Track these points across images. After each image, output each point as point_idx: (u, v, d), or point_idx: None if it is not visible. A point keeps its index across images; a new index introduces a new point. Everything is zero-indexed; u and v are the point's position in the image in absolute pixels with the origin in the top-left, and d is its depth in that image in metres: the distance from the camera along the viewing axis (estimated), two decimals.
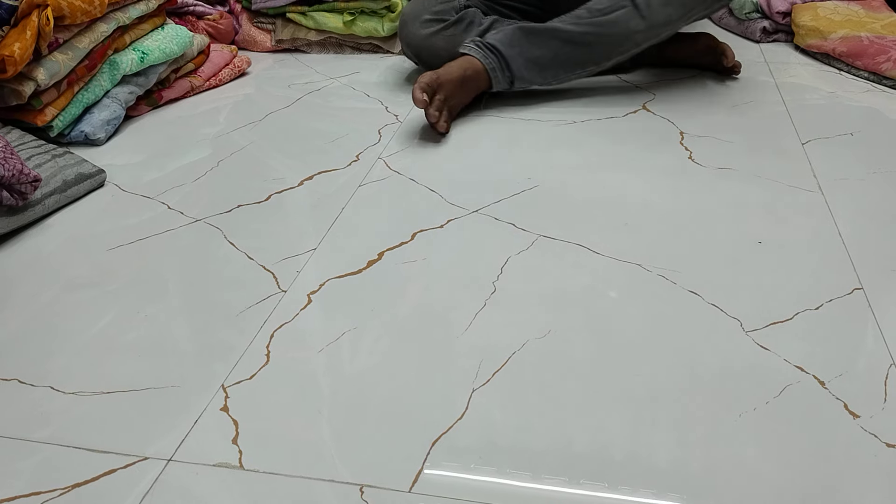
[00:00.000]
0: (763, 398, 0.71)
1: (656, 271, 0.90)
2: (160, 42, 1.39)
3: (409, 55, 1.46)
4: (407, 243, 0.97)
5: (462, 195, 1.08)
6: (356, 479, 0.64)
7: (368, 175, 1.15)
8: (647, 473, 0.64)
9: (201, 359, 0.79)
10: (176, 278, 0.92)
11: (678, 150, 1.19)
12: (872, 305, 0.83)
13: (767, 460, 0.65)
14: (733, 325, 0.81)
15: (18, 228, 1.02)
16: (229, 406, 0.72)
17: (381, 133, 1.29)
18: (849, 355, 0.76)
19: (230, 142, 1.28)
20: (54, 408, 0.73)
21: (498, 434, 0.68)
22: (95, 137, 1.27)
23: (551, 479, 0.64)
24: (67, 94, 1.26)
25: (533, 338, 0.80)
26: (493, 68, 1.30)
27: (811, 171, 1.12)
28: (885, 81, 1.43)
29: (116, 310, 0.87)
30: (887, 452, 0.65)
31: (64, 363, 0.79)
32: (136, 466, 0.66)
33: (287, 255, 0.95)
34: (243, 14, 1.76)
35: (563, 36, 1.31)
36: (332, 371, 0.77)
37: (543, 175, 1.12)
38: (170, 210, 1.07)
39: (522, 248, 0.95)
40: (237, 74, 1.59)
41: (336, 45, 1.73)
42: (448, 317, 0.83)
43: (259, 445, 0.68)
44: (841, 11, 1.61)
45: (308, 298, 0.87)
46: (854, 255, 0.92)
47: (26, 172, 0.98)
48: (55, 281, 0.92)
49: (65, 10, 1.19)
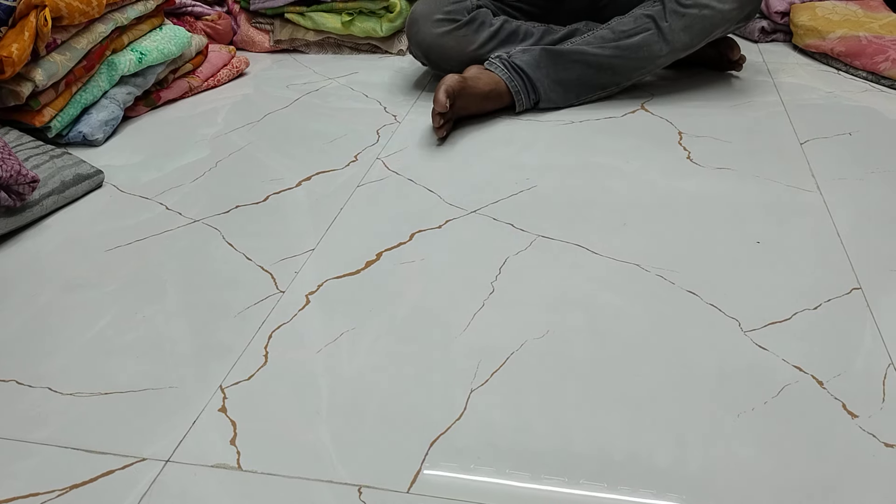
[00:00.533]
0: (761, 398, 0.71)
1: (655, 271, 0.90)
2: (158, 43, 1.39)
3: (416, 55, 1.44)
4: (405, 244, 0.97)
5: (460, 195, 1.07)
6: (354, 479, 0.64)
7: (367, 175, 1.15)
8: (645, 473, 0.64)
9: (199, 359, 0.79)
10: (174, 279, 0.92)
11: (677, 150, 1.19)
12: (871, 305, 0.83)
13: (766, 460, 0.65)
14: (732, 325, 0.81)
15: (16, 229, 1.02)
16: (227, 407, 0.72)
17: (379, 133, 1.29)
18: (847, 355, 0.76)
19: (228, 142, 1.28)
20: (52, 409, 0.73)
21: (496, 434, 0.68)
22: (93, 138, 1.27)
23: (550, 480, 0.64)
24: (65, 95, 1.26)
25: (531, 338, 0.80)
26: (518, 91, 1.32)
27: (809, 170, 1.12)
28: (884, 81, 1.43)
29: (114, 311, 0.87)
30: (886, 452, 0.65)
31: (62, 364, 0.79)
32: (133, 467, 0.66)
33: (285, 256, 0.95)
34: (241, 14, 1.76)
35: (589, 59, 1.33)
36: (331, 372, 0.76)
37: (542, 175, 1.12)
38: (168, 211, 1.07)
39: (521, 248, 0.95)
40: (235, 75, 1.59)
41: (334, 46, 1.73)
42: (446, 317, 0.83)
43: (257, 446, 0.68)
44: (839, 11, 1.61)
45: (306, 299, 0.87)
46: (852, 254, 0.92)
47: (24, 173, 0.98)
48: (53, 282, 0.92)
49: (63, 11, 1.19)
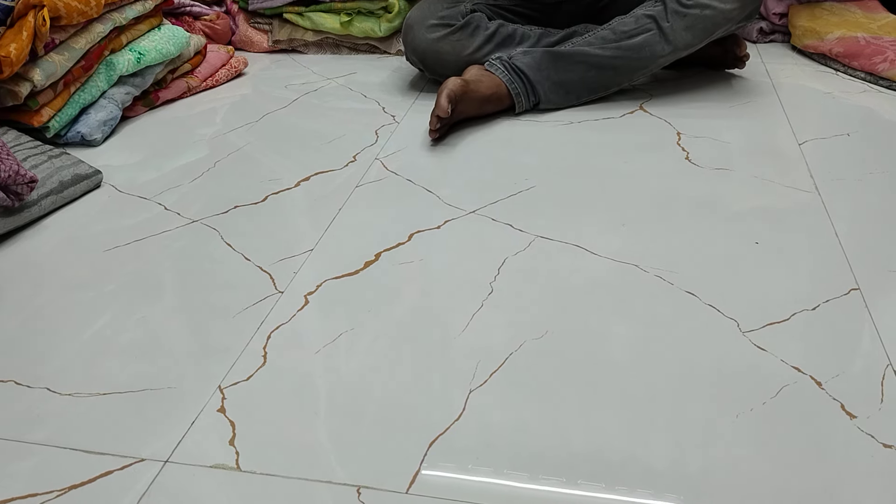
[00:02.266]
0: (760, 399, 0.71)
1: (653, 272, 0.90)
2: (157, 43, 1.39)
3: (413, 61, 1.44)
4: (404, 244, 0.97)
5: (459, 196, 1.07)
6: (353, 480, 0.64)
7: (365, 176, 1.15)
8: (644, 474, 0.64)
9: (198, 360, 0.79)
10: (172, 279, 0.92)
11: (675, 151, 1.19)
12: (869, 306, 0.83)
13: (764, 461, 0.65)
14: (730, 325, 0.81)
15: (15, 230, 1.02)
16: (226, 407, 0.72)
17: (377, 133, 1.29)
18: (845, 356, 0.76)
19: (227, 142, 1.28)
20: (50, 409, 0.73)
21: (495, 435, 0.68)
22: (92, 138, 1.27)
23: (549, 480, 0.64)
24: (64, 95, 1.25)
25: (530, 339, 0.80)
26: (518, 93, 1.32)
27: (808, 171, 1.12)
28: (882, 82, 1.43)
29: (113, 311, 0.86)
30: (884, 453, 0.65)
31: (60, 364, 0.79)
32: (132, 468, 0.66)
33: (284, 256, 0.95)
34: (240, 14, 1.76)
35: (591, 60, 1.33)
36: (329, 372, 0.76)
37: (540, 176, 1.12)
38: (166, 211, 1.07)
39: (520, 248, 0.95)
40: (234, 75, 1.58)
41: (333, 46, 1.73)
42: (445, 318, 0.83)
43: (256, 447, 0.68)
44: (837, 12, 1.61)
45: (305, 299, 0.87)
46: (851, 255, 0.92)
47: (22, 174, 0.98)
48: (51, 282, 0.92)
49: (61, 11, 1.18)
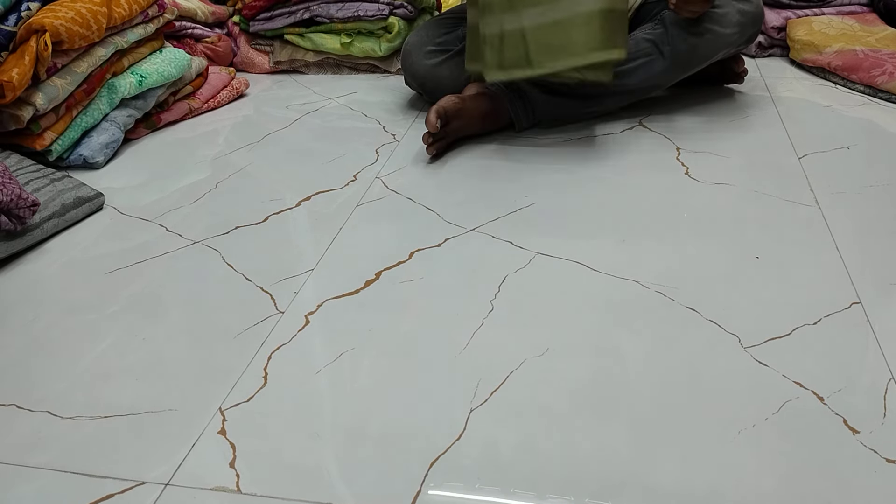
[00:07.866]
0: (762, 414, 0.71)
1: (654, 288, 0.90)
2: (158, 65, 1.40)
3: (413, 86, 1.46)
4: (404, 262, 0.97)
5: (459, 213, 1.08)
6: (355, 501, 0.64)
7: (366, 195, 1.15)
8: (647, 491, 0.64)
9: (199, 381, 0.79)
10: (174, 301, 0.93)
11: (675, 166, 1.19)
12: (871, 320, 0.83)
13: (767, 476, 0.65)
14: (732, 341, 0.81)
15: (17, 253, 1.02)
16: (227, 429, 0.72)
17: (378, 153, 1.30)
18: (848, 370, 0.76)
19: (228, 163, 1.29)
20: (52, 433, 0.73)
21: (497, 454, 0.68)
22: (94, 161, 1.28)
23: (553, 499, 0.64)
24: (66, 119, 1.26)
25: (531, 356, 0.80)
26: (517, 111, 1.32)
27: (808, 185, 1.12)
28: (881, 95, 1.43)
29: (115, 333, 0.87)
30: (887, 468, 0.65)
31: (62, 388, 0.79)
32: (133, 491, 0.66)
33: (285, 276, 0.95)
34: (241, 36, 1.78)
35: (588, 90, 1.31)
36: (330, 392, 0.76)
37: (540, 193, 1.13)
38: (168, 232, 1.07)
39: (520, 266, 0.95)
40: (235, 96, 1.59)
41: (334, 66, 1.74)
42: (446, 336, 0.83)
43: (257, 468, 0.68)
44: (835, 26, 1.62)
45: (306, 319, 0.87)
46: (852, 269, 0.92)
47: (24, 197, 0.99)
48: (53, 305, 0.92)
49: (63, 36, 1.20)
